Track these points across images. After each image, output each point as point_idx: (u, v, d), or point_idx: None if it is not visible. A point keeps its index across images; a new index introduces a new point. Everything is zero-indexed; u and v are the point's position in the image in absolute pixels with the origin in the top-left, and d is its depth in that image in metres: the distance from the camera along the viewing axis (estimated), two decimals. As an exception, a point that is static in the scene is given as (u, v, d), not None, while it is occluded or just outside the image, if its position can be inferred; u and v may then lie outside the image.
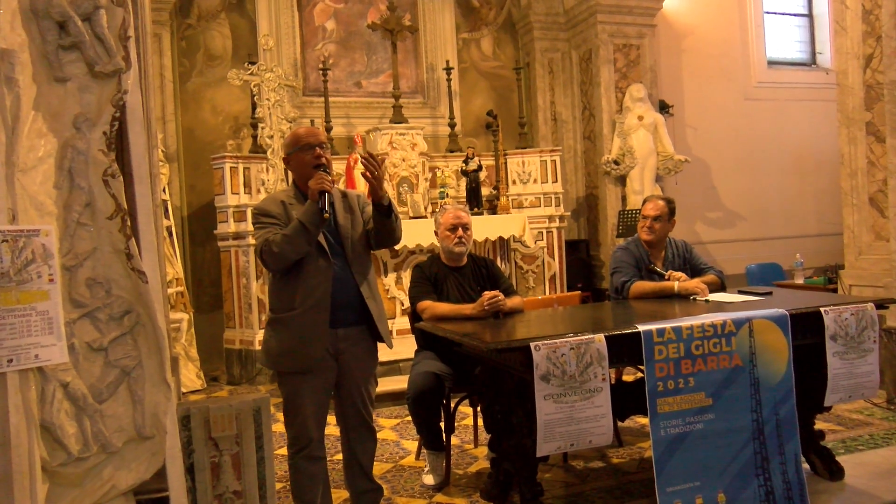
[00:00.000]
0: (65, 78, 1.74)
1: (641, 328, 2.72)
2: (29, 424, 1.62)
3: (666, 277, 3.68)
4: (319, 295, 2.68)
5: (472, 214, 4.23)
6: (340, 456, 3.04)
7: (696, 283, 3.57)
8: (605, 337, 2.65)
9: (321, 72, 6.55)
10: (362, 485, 2.95)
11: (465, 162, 6.67)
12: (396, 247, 5.94)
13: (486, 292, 3.30)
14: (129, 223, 1.79)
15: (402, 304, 6.21)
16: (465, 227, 3.59)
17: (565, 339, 2.59)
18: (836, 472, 3.26)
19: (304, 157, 2.73)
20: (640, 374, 3.11)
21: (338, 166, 6.44)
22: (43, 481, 1.65)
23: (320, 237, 2.69)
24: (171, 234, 5.98)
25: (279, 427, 4.66)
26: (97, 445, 1.74)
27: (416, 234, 5.91)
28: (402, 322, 6.07)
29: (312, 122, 6.45)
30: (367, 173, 2.68)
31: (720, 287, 3.71)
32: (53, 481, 1.69)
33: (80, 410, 1.72)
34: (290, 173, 2.90)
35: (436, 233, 3.73)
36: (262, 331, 5.90)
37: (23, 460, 1.59)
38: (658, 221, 3.80)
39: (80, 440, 1.72)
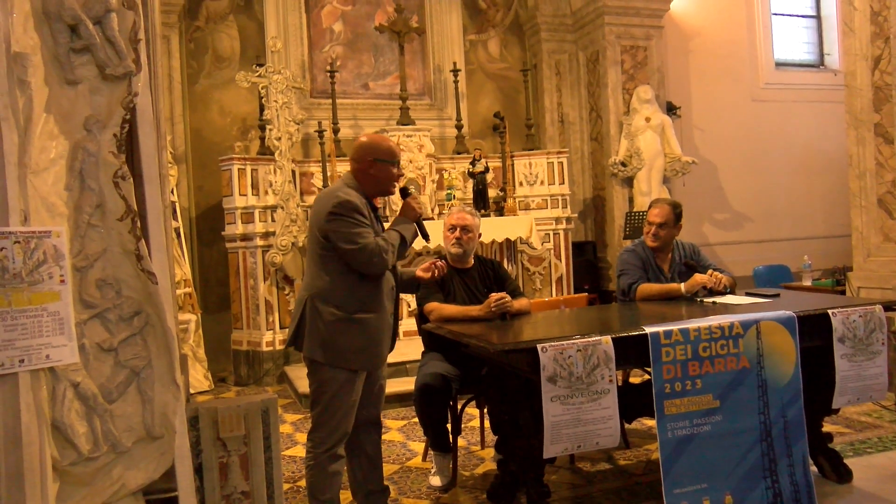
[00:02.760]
0: (76, 80, 1.76)
1: (648, 330, 2.72)
2: (40, 424, 1.63)
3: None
4: (389, 300, 2.87)
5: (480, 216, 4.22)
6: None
7: (705, 276, 3.58)
8: (612, 339, 2.65)
9: (329, 73, 6.57)
10: (372, 483, 2.96)
11: (472, 163, 6.68)
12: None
13: (492, 294, 3.31)
14: (139, 224, 1.81)
15: (409, 306, 6.22)
16: (466, 230, 3.59)
17: (572, 341, 2.59)
18: (844, 475, 3.24)
19: (392, 171, 2.86)
20: (647, 376, 3.11)
21: (345, 168, 6.43)
22: (53, 480, 1.67)
23: None
24: (179, 235, 6.01)
25: (287, 428, 4.69)
26: (107, 445, 1.75)
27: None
28: (409, 323, 6.07)
29: (320, 123, 6.47)
30: (434, 274, 3.13)
31: (734, 286, 3.71)
32: (64, 480, 1.70)
33: (90, 410, 1.73)
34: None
35: (444, 234, 3.75)
36: (270, 332, 6.03)
37: (34, 459, 1.61)
38: (663, 228, 3.78)
39: (91, 439, 1.73)
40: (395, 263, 2.86)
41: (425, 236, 2.96)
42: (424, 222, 2.98)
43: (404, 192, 2.98)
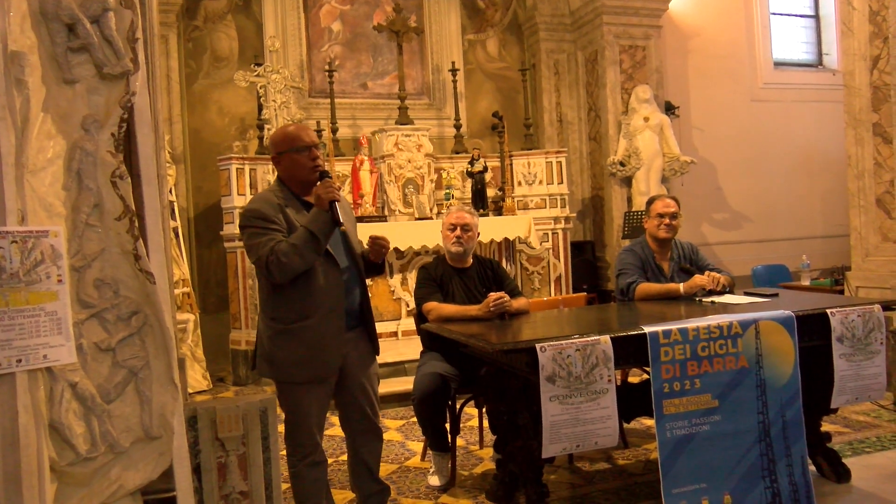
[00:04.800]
0: (73, 80, 1.75)
1: (647, 329, 2.72)
2: (38, 424, 1.63)
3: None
4: (333, 302, 2.64)
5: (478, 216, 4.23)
6: (345, 457, 3.04)
7: (704, 277, 3.57)
8: (611, 338, 2.65)
9: (327, 73, 6.57)
10: (370, 487, 2.94)
11: (471, 163, 6.68)
12: (402, 248, 5.96)
13: (491, 293, 3.31)
14: (136, 224, 1.80)
15: (408, 306, 6.22)
16: (466, 228, 3.59)
17: (571, 341, 2.59)
18: (842, 475, 3.25)
19: (300, 159, 2.64)
20: (645, 376, 3.11)
21: (343, 167, 6.45)
22: (51, 481, 1.66)
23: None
24: (177, 235, 5.99)
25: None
26: (105, 445, 1.75)
27: (422, 235, 5.91)
28: (408, 323, 6.08)
29: (319, 123, 6.47)
30: (379, 249, 2.76)
31: (732, 285, 3.71)
32: (62, 481, 1.70)
33: (88, 410, 1.73)
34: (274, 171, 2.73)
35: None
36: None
37: (31, 460, 1.60)
38: (676, 218, 3.80)
39: (88, 440, 1.72)
40: (308, 263, 2.55)
41: (337, 222, 2.54)
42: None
43: (321, 176, 2.64)
